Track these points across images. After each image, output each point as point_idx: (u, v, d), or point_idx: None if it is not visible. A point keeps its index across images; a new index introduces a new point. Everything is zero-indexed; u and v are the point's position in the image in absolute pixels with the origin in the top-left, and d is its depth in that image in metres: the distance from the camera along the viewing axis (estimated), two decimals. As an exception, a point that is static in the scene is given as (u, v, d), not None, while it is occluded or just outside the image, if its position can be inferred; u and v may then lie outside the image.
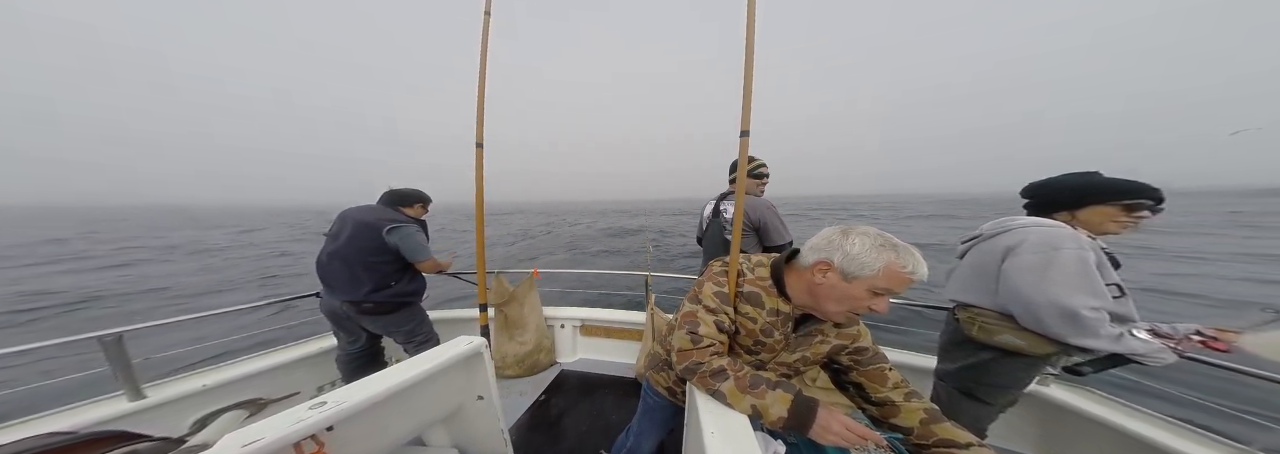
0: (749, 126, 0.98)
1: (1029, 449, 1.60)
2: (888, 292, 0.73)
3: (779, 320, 0.85)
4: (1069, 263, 1.00)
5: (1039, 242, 1.05)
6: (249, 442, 0.69)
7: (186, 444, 0.87)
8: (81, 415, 1.32)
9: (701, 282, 0.90)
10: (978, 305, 1.19)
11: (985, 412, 1.25)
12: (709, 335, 0.81)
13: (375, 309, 1.71)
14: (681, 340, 0.82)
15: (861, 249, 0.73)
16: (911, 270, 0.71)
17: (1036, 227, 1.09)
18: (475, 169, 1.35)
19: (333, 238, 1.70)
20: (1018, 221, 1.16)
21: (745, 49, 1.00)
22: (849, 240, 0.75)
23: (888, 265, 0.71)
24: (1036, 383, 1.54)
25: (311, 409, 0.80)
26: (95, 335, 1.32)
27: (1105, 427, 1.34)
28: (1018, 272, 1.06)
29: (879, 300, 0.74)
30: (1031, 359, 1.12)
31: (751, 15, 0.99)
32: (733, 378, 0.76)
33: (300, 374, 1.93)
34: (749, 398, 0.74)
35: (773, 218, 1.78)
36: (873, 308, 0.75)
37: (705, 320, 0.83)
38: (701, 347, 0.80)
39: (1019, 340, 1.10)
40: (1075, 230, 1.06)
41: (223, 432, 0.75)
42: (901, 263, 0.71)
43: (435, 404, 1.22)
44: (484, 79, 1.35)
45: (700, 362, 0.79)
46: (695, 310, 0.85)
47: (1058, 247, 1.02)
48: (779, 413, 0.72)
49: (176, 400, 1.49)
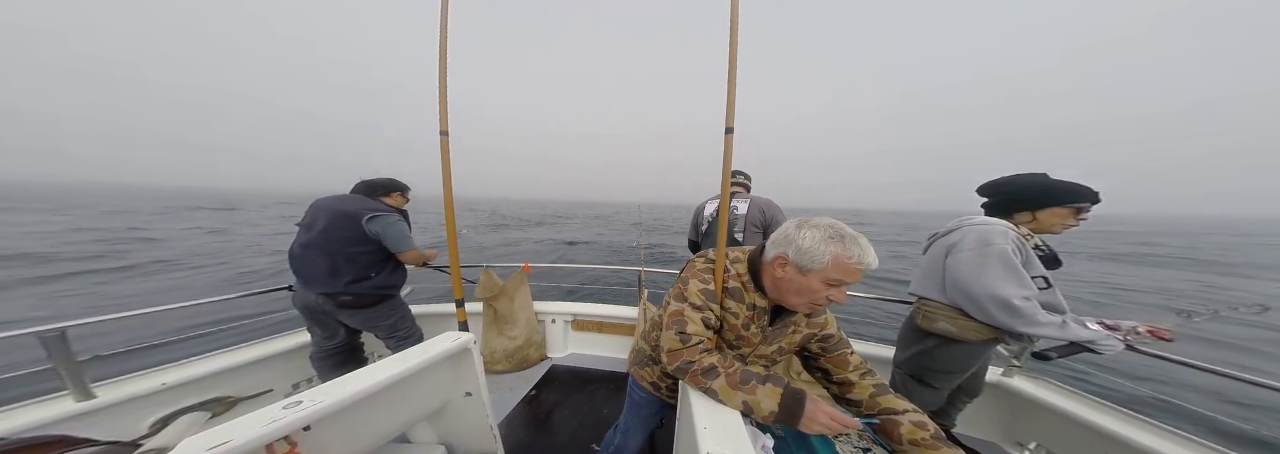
0: (733, 123, 0.97)
1: (996, 437, 1.68)
2: (840, 282, 0.74)
3: (756, 314, 0.87)
4: (998, 257, 1.11)
5: (976, 239, 1.17)
6: (216, 444, 0.63)
7: (142, 448, 0.79)
8: (21, 417, 1.20)
9: (686, 278, 0.88)
10: (927, 297, 1.29)
11: (933, 396, 1.34)
12: (697, 333, 0.81)
13: (354, 302, 1.63)
14: (670, 340, 0.82)
15: (812, 242, 0.74)
16: (857, 260, 0.72)
17: (979, 225, 1.20)
18: (441, 158, 1.28)
19: (306, 228, 1.60)
20: (968, 221, 1.26)
21: (729, 46, 0.98)
22: (801, 234, 0.76)
23: (835, 257, 0.72)
24: (1001, 375, 1.63)
25: (286, 409, 0.75)
26: (34, 331, 1.20)
27: (1065, 416, 1.43)
28: (957, 267, 1.18)
29: (836, 291, 0.75)
30: (970, 346, 1.23)
31: (734, 13, 0.98)
32: (723, 375, 0.78)
33: (273, 371, 1.83)
34: (740, 394, 0.76)
35: (781, 217, 1.83)
36: (831, 298, 0.76)
37: (692, 318, 0.82)
38: (691, 345, 0.80)
39: (952, 327, 1.21)
40: (1008, 229, 1.15)
41: (183, 434, 0.69)
42: (847, 254, 0.72)
43: (421, 401, 1.17)
44: (444, 65, 1.28)
45: (691, 360, 0.80)
46: (682, 309, 0.84)
47: (990, 242, 1.13)
48: (770, 407, 0.74)
49: (131, 400, 1.37)
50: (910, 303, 1.42)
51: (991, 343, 1.23)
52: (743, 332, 0.88)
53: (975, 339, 1.20)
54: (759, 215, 1.87)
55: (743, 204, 1.94)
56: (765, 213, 1.83)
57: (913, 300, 1.40)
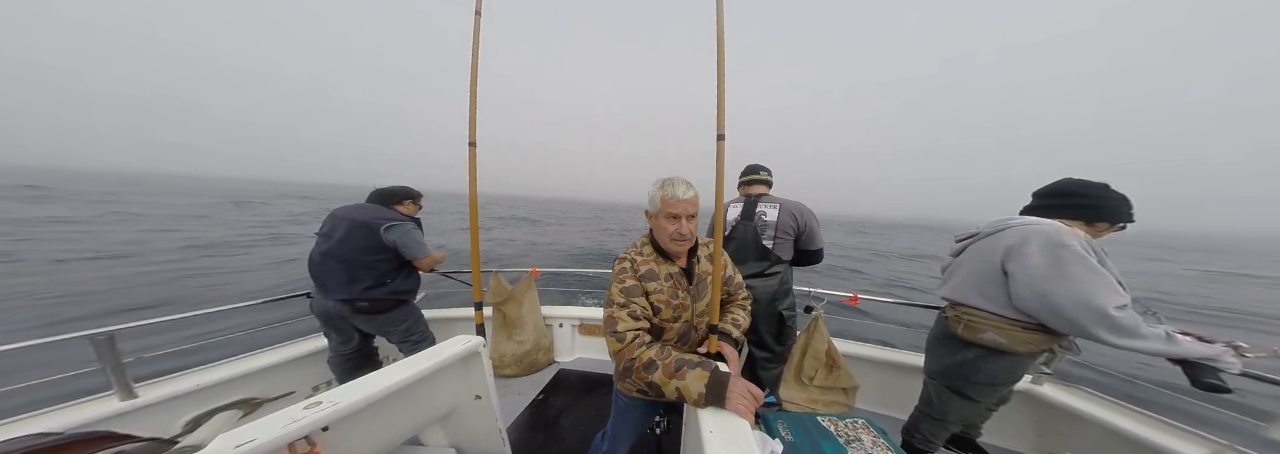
0: (725, 130, 0.99)
1: (1025, 447, 1.61)
2: (673, 215, 0.91)
3: (676, 281, 0.99)
4: (1078, 260, 0.97)
5: (1045, 240, 1.02)
6: (242, 442, 0.68)
7: (179, 445, 0.85)
8: (71, 415, 1.30)
9: (610, 285, 0.97)
10: (969, 304, 1.18)
11: (975, 409, 1.26)
12: (629, 329, 0.90)
13: (370, 307, 1.70)
14: (610, 343, 0.91)
15: (651, 193, 0.95)
16: (671, 195, 0.91)
17: (1038, 224, 1.08)
18: (469, 167, 1.34)
19: (325, 237, 1.68)
20: (1017, 220, 1.15)
21: (717, 52, 0.99)
22: (650, 190, 0.95)
23: (662, 198, 0.92)
24: (1030, 382, 1.55)
25: (306, 409, 0.80)
26: (87, 334, 1.30)
27: (1099, 426, 1.35)
28: (1028, 273, 1.03)
29: (675, 222, 0.92)
30: (1017, 357, 1.13)
31: (720, 19, 1.00)
32: (661, 367, 0.84)
33: (295, 373, 1.92)
34: (674, 382, 0.82)
35: (815, 223, 1.73)
36: (680, 231, 0.92)
37: (620, 317, 0.90)
38: (628, 343, 0.88)
39: (1001, 338, 1.10)
40: (1074, 229, 1.05)
41: (216, 432, 0.74)
42: (668, 194, 0.91)
43: (432, 404, 1.21)
44: (475, 78, 1.34)
45: (631, 357, 0.88)
46: (610, 312, 0.92)
47: (1063, 244, 1.00)
48: (698, 389, 0.80)
49: (169, 400, 1.47)
50: (935, 308, 1.35)
51: (1040, 354, 1.13)
52: (674, 301, 0.98)
53: (1026, 351, 1.09)
54: (791, 221, 1.70)
55: (772, 209, 1.73)
56: (798, 218, 1.68)
57: (942, 306, 1.31)
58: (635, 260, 0.97)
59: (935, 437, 1.37)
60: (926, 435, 1.38)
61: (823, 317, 1.92)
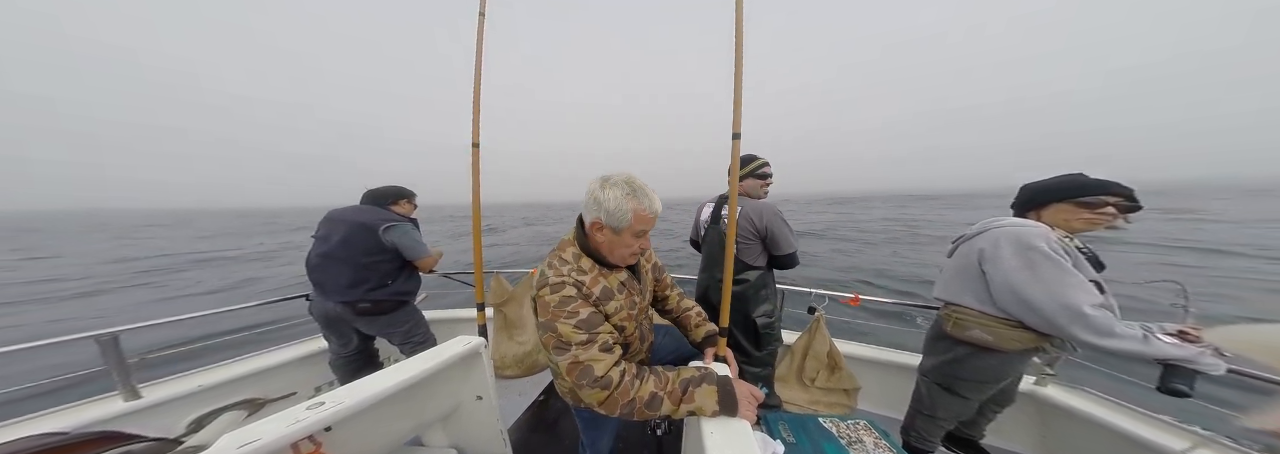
0: (740, 129, 0.99)
1: (1028, 450, 1.60)
2: (643, 231, 0.84)
3: (627, 288, 0.93)
4: (1046, 260, 1.00)
5: (1014, 242, 1.06)
6: (246, 442, 0.69)
7: (183, 445, 0.86)
8: (77, 415, 1.31)
9: (549, 324, 0.78)
10: (959, 303, 1.22)
11: (962, 406, 1.28)
12: (609, 368, 0.76)
13: (372, 309, 1.70)
14: (595, 396, 0.75)
15: (616, 203, 0.79)
16: (648, 210, 0.81)
17: (1009, 226, 1.11)
18: (471, 169, 1.34)
19: (323, 240, 1.67)
20: (995, 222, 1.19)
21: (735, 51, 1.00)
22: (605, 195, 0.80)
23: (635, 213, 0.79)
24: (1033, 384, 1.54)
25: (309, 409, 0.80)
26: (92, 335, 1.31)
27: (1104, 428, 1.34)
28: (1006, 274, 1.05)
29: (642, 240, 0.86)
30: (1007, 355, 1.15)
31: (739, 18, 1.00)
32: (666, 398, 0.77)
33: (297, 374, 1.92)
34: (684, 407, 0.77)
35: (780, 225, 1.55)
36: (642, 247, 0.87)
37: (594, 359, 0.75)
38: (617, 386, 0.75)
39: (988, 336, 1.13)
40: (1043, 229, 1.07)
41: (220, 432, 0.75)
42: (642, 208, 0.80)
43: (434, 405, 1.21)
44: (479, 79, 1.35)
45: (630, 400, 0.75)
46: (574, 357, 0.75)
47: (1031, 245, 1.03)
48: (712, 407, 0.77)
49: (172, 401, 1.48)
50: (935, 308, 1.36)
51: (1031, 352, 1.14)
52: (633, 311, 0.92)
53: (1014, 349, 1.11)
54: (749, 225, 1.56)
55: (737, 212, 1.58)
56: (757, 222, 1.54)
57: (938, 305, 1.32)
58: (582, 282, 0.82)
59: (930, 434, 1.39)
60: (922, 433, 1.39)
61: (824, 317, 1.92)
